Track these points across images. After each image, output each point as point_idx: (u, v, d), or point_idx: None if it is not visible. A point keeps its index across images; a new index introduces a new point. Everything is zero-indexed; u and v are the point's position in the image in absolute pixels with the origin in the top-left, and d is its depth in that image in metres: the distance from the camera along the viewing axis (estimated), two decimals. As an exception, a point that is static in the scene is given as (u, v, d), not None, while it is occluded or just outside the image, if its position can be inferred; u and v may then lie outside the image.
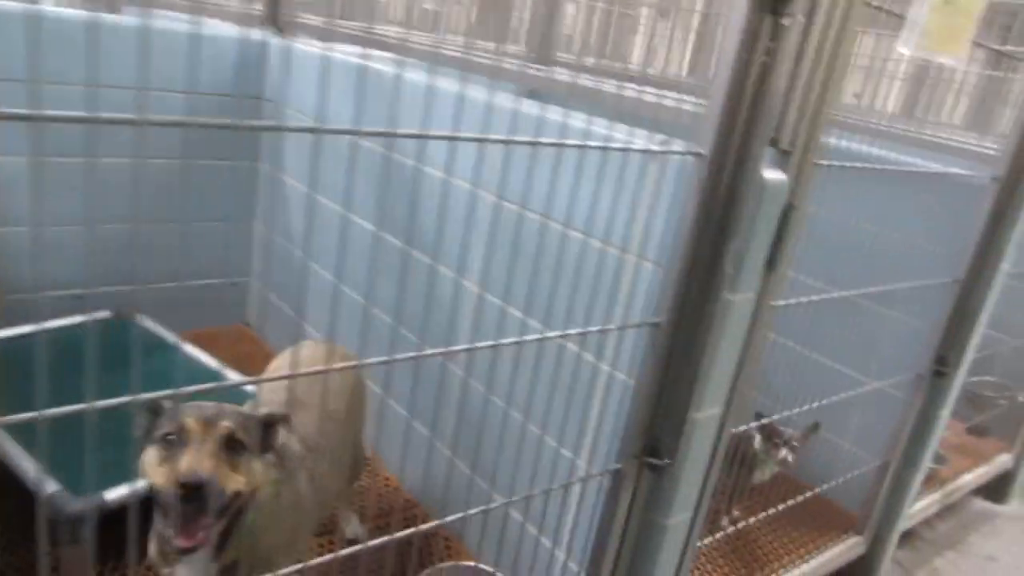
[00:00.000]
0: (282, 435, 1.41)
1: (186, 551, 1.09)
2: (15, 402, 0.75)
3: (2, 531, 1.80)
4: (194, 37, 2.40)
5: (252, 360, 2.69)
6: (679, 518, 1.50)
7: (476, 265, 1.80)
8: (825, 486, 2.21)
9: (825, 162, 1.20)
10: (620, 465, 1.43)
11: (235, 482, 1.14)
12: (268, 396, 1.59)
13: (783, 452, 2.19)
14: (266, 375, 1.73)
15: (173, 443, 1.12)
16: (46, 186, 2.18)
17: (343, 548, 1.04)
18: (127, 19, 2.45)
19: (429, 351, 1.05)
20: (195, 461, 1.08)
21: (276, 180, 2.75)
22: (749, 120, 1.08)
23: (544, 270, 1.21)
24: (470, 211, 1.14)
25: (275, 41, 2.70)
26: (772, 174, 1.15)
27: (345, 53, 2.29)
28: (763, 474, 2.22)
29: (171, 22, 2.60)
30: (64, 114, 0.68)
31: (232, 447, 1.16)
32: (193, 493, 1.06)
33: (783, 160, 1.15)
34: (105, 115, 0.67)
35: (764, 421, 1.93)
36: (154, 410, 1.18)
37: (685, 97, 1.41)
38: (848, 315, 2.45)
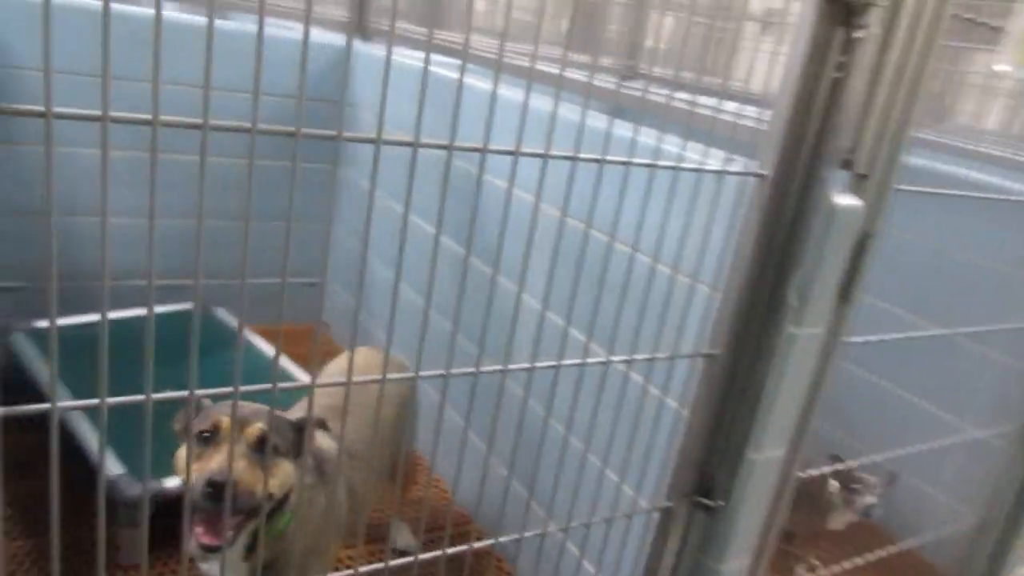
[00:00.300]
0: (321, 439, 1.41)
1: (209, 549, 1.09)
2: (91, 385, 0.77)
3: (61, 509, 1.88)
4: (284, 42, 2.48)
5: (322, 359, 2.74)
6: (735, 564, 1.39)
7: (514, 267, 1.75)
8: (913, 540, 2.01)
9: (908, 187, 1.08)
10: (670, 503, 1.35)
11: (264, 484, 1.14)
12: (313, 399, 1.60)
13: (867, 499, 2.00)
14: (320, 379, 1.74)
15: (207, 441, 1.14)
16: (138, 180, 2.29)
17: (369, 560, 1.01)
18: (227, 24, 2.56)
19: (456, 370, 1.02)
20: (224, 461, 1.09)
21: (354, 185, 2.80)
22: (818, 141, 0.98)
23: (588, 282, 1.15)
24: (525, 222, 1.10)
25: (362, 48, 2.75)
26: (845, 199, 1.05)
27: (421, 61, 2.29)
28: (836, 521, 2.04)
29: (254, 25, 2.70)
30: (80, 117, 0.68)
31: (264, 449, 1.16)
32: (220, 493, 1.06)
33: (859, 184, 1.05)
34: (117, 114, 0.67)
35: (839, 467, 1.77)
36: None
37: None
38: (942, 351, 2.23)
